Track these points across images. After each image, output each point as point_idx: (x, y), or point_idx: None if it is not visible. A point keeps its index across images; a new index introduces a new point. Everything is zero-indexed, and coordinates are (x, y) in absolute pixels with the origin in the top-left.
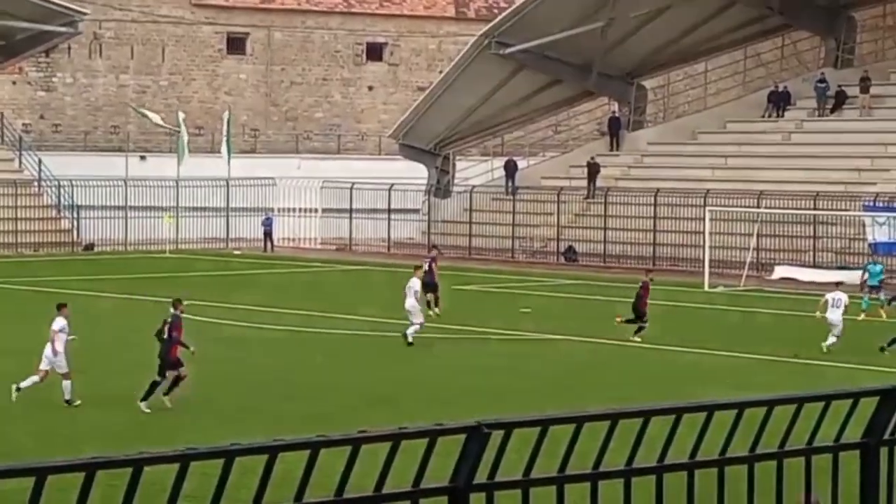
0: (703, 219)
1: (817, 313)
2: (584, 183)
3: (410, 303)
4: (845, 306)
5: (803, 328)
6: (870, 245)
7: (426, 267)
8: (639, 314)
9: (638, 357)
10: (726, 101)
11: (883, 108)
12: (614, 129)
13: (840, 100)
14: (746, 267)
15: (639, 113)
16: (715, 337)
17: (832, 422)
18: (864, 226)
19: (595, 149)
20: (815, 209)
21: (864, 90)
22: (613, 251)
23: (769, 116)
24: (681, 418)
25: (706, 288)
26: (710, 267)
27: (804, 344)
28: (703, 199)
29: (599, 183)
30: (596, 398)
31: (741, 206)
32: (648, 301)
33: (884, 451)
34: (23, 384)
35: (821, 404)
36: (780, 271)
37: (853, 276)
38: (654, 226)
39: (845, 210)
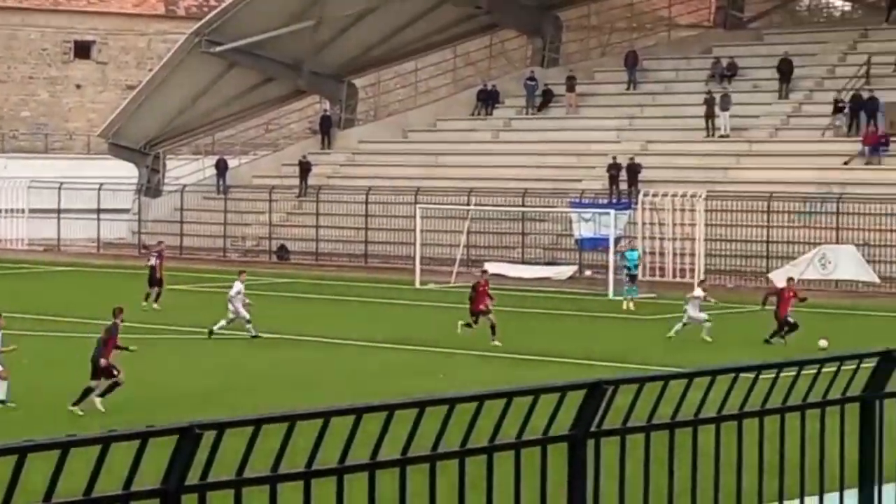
0: (415, 216)
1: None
2: (296, 181)
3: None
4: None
5: (512, 323)
6: (576, 241)
7: (153, 262)
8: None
9: (351, 355)
10: (437, 99)
11: (588, 107)
12: (326, 128)
13: (547, 98)
14: (457, 264)
15: (350, 111)
16: (427, 334)
17: (541, 415)
18: (570, 222)
19: (307, 147)
20: (523, 206)
21: (571, 89)
22: (326, 249)
23: (478, 115)
24: (393, 415)
25: (417, 285)
26: (422, 264)
27: (513, 338)
28: (414, 197)
29: (311, 181)
30: (310, 397)
31: (452, 204)
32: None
33: (591, 442)
34: None
35: (530, 398)
36: (489, 267)
37: (560, 271)
38: (367, 224)
39: (553, 206)
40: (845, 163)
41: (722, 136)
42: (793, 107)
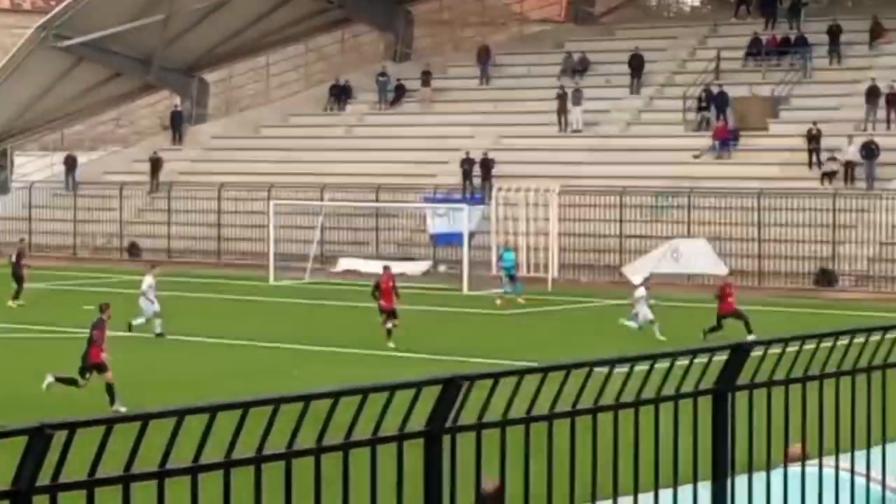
0: (268, 212)
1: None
2: (147, 178)
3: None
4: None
5: (368, 319)
6: (431, 236)
7: (13, 258)
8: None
9: (205, 353)
10: (289, 94)
11: (442, 102)
12: (177, 123)
13: (400, 93)
14: (311, 260)
15: (201, 107)
16: (282, 330)
17: (397, 412)
18: (424, 217)
19: (158, 143)
20: (377, 202)
21: (425, 84)
22: (178, 246)
23: (331, 110)
24: (248, 412)
25: (272, 281)
26: (276, 260)
27: (369, 334)
28: (267, 193)
29: (163, 177)
30: (165, 396)
31: (305, 200)
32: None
33: (447, 438)
34: None
35: (386, 394)
36: (343, 263)
37: (415, 267)
38: (219, 220)
39: (406, 202)
40: (695, 157)
41: (574, 131)
42: (644, 101)
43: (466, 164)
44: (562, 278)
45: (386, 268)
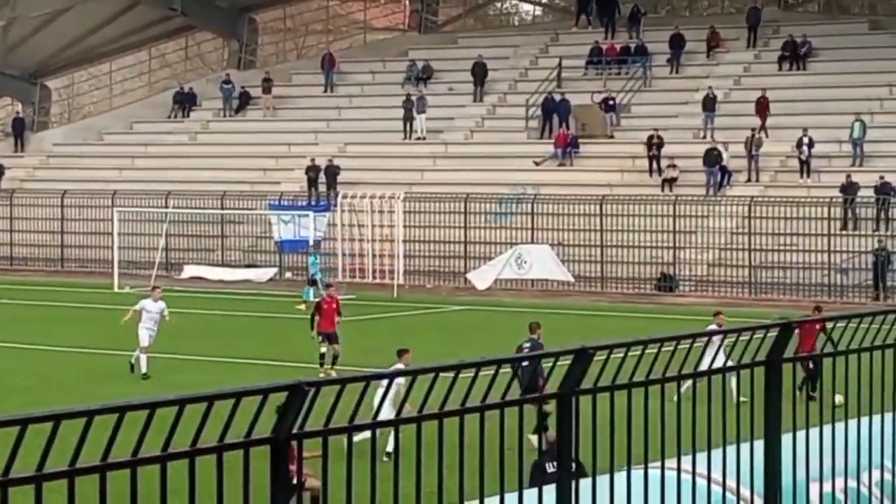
0: (112, 219)
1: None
2: None
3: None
4: None
5: (216, 326)
6: (276, 243)
7: None
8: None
9: (48, 360)
10: (132, 101)
11: (286, 109)
12: (18, 130)
13: (244, 101)
14: (156, 267)
15: (43, 113)
16: (127, 338)
17: (243, 419)
18: (270, 224)
19: None
20: (222, 209)
21: (267, 91)
22: (21, 253)
23: (175, 117)
24: (92, 420)
25: (116, 289)
26: (120, 268)
27: (216, 341)
28: (110, 200)
29: (4, 185)
30: (5, 405)
31: (149, 207)
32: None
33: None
34: None
35: (232, 401)
36: (189, 270)
37: (260, 274)
38: (62, 227)
39: (251, 209)
40: (536, 163)
41: (419, 139)
42: (487, 109)
43: (311, 171)
44: (407, 284)
45: (329, 286)
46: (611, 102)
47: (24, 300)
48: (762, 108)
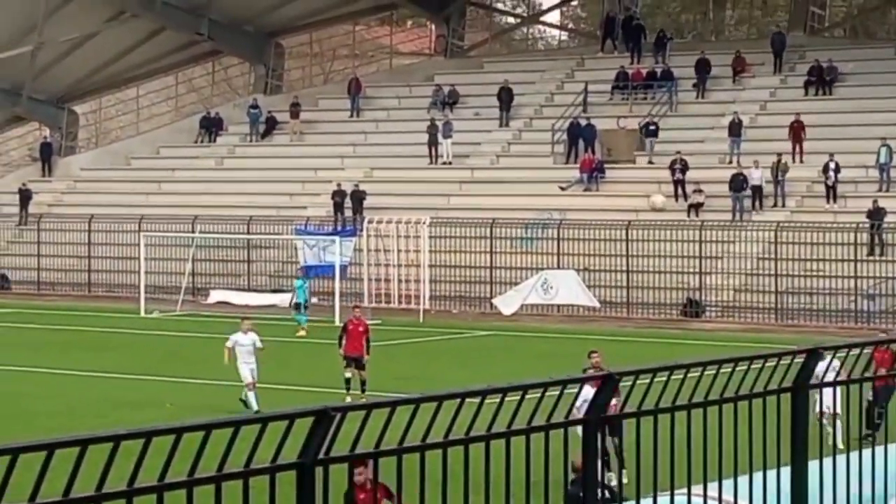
0: (139, 244)
1: None
2: (16, 210)
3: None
4: None
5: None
6: (301, 268)
7: None
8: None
9: (74, 385)
10: (159, 126)
11: (312, 134)
12: (46, 155)
13: (271, 125)
14: (182, 292)
15: (71, 138)
16: (153, 362)
17: (269, 443)
18: (296, 249)
19: (26, 175)
20: (248, 233)
21: (294, 115)
22: (48, 278)
23: (202, 142)
24: (119, 445)
25: (143, 314)
26: (147, 292)
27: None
28: (137, 225)
29: (32, 209)
30: (33, 429)
31: (176, 232)
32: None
33: (319, 469)
34: None
35: (258, 426)
36: (215, 295)
37: (286, 298)
38: (90, 252)
39: (278, 234)
40: (562, 188)
41: (444, 163)
42: (513, 134)
43: (338, 195)
44: (433, 309)
45: (356, 307)
46: (652, 127)
47: (52, 325)
48: (796, 132)
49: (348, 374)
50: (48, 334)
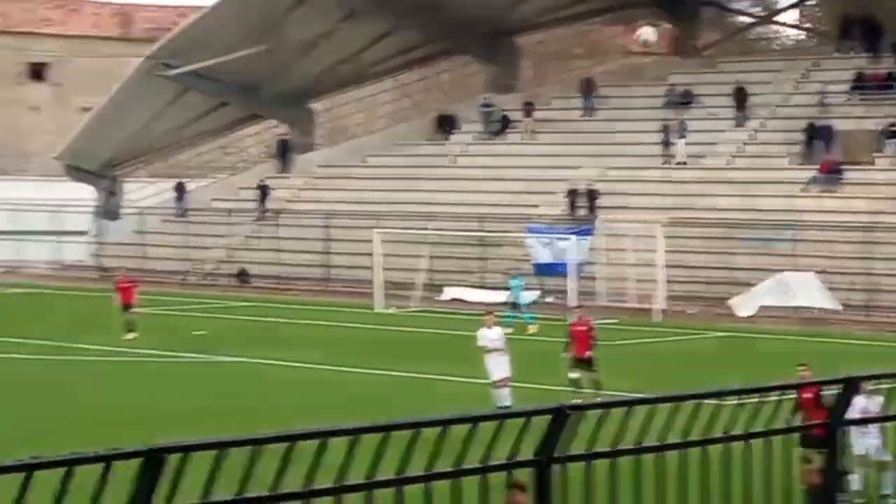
0: (374, 240)
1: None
2: (254, 205)
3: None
4: None
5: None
6: (534, 265)
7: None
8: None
9: (315, 380)
10: (395, 123)
11: (545, 133)
12: (283, 152)
13: (504, 124)
14: (420, 288)
15: (307, 135)
16: (388, 357)
17: (506, 440)
18: (529, 247)
19: (265, 171)
20: (481, 231)
21: (527, 114)
22: (286, 273)
23: (436, 140)
24: (357, 440)
25: (377, 309)
26: (382, 288)
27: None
28: (373, 221)
29: (270, 205)
30: (280, 421)
31: (411, 228)
32: None
33: (556, 467)
34: None
35: (495, 423)
36: (449, 292)
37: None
38: (327, 248)
39: (510, 231)
40: (803, 189)
41: (679, 164)
42: (749, 134)
43: (572, 194)
44: (669, 310)
45: (580, 307)
46: (892, 129)
47: (289, 319)
48: None
49: (575, 375)
50: (285, 329)
